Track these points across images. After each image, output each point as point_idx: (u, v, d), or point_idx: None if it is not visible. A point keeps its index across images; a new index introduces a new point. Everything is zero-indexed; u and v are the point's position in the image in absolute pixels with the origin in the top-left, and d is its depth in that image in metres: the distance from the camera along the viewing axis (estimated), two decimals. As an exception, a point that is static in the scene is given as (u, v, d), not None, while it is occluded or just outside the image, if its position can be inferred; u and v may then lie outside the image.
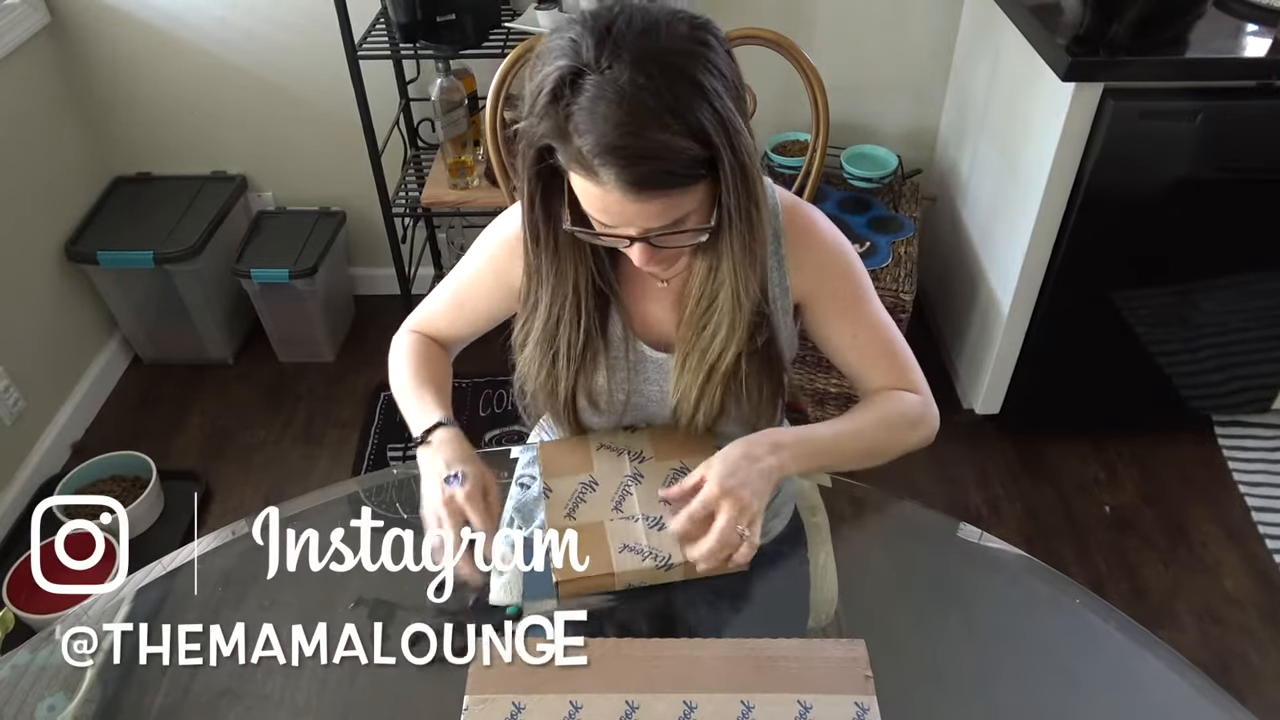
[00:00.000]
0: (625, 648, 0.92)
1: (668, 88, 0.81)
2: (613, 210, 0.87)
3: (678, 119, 0.82)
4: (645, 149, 0.81)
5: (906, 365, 1.11)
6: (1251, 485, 2.23)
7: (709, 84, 0.83)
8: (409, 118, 2.45)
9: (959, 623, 1.04)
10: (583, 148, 0.83)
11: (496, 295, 1.13)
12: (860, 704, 0.87)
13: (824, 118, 1.39)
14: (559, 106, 0.83)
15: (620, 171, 0.82)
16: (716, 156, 0.85)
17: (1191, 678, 0.97)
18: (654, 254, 0.93)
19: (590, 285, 1.03)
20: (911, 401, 1.09)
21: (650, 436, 1.11)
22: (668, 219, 0.88)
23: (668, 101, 0.81)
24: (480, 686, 0.88)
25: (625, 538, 0.98)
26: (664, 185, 0.84)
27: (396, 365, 1.18)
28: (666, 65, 0.82)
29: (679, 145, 0.82)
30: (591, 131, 0.82)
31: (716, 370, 1.03)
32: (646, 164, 0.82)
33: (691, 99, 0.82)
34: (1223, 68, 1.83)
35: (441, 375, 1.17)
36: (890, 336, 1.11)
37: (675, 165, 0.83)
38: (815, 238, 1.08)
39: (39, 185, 2.31)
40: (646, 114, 0.81)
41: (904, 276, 2.18)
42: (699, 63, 0.83)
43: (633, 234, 0.90)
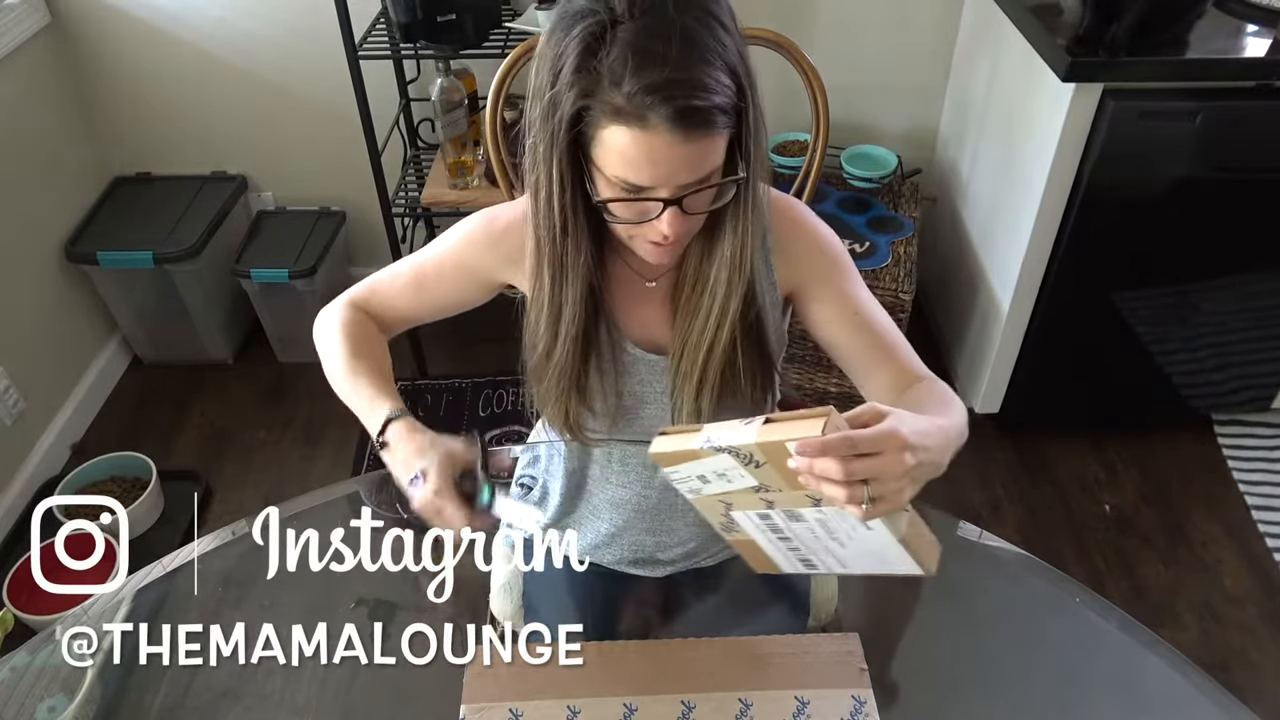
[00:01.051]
0: (622, 650, 0.92)
1: (702, 27, 0.83)
2: (658, 157, 0.85)
3: (716, 56, 0.84)
4: (699, 81, 0.82)
5: (907, 350, 1.09)
6: (1251, 484, 2.23)
7: (728, 23, 0.86)
8: (409, 118, 2.45)
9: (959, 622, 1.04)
10: (631, 92, 0.82)
11: (461, 283, 1.11)
12: (857, 697, 0.87)
13: (824, 118, 1.39)
14: (594, 62, 0.83)
15: (675, 107, 0.82)
16: (744, 97, 0.87)
17: (1191, 676, 0.97)
18: (681, 221, 0.91)
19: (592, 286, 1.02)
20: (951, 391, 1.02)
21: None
22: (703, 170, 0.88)
23: (707, 39, 0.83)
24: (476, 695, 0.88)
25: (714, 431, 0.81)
26: (709, 124, 0.85)
27: (328, 346, 1.12)
28: (698, 9, 0.84)
29: (724, 82, 0.84)
30: (641, 72, 0.81)
31: (713, 353, 1.03)
32: (700, 97, 0.82)
33: (724, 38, 0.85)
34: (1222, 68, 1.83)
35: (380, 356, 1.12)
36: (884, 320, 1.09)
37: (721, 99, 0.84)
38: (800, 227, 1.08)
39: (39, 185, 2.31)
40: (696, 49, 0.82)
41: (904, 276, 2.18)
42: (723, 10, 0.86)
43: (664, 195, 0.88)
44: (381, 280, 1.16)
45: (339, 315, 1.14)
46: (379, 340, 1.15)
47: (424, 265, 1.13)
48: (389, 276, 1.16)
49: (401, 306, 1.16)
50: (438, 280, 1.13)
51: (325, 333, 1.13)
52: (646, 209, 0.90)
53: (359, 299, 1.16)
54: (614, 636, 1.03)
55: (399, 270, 1.15)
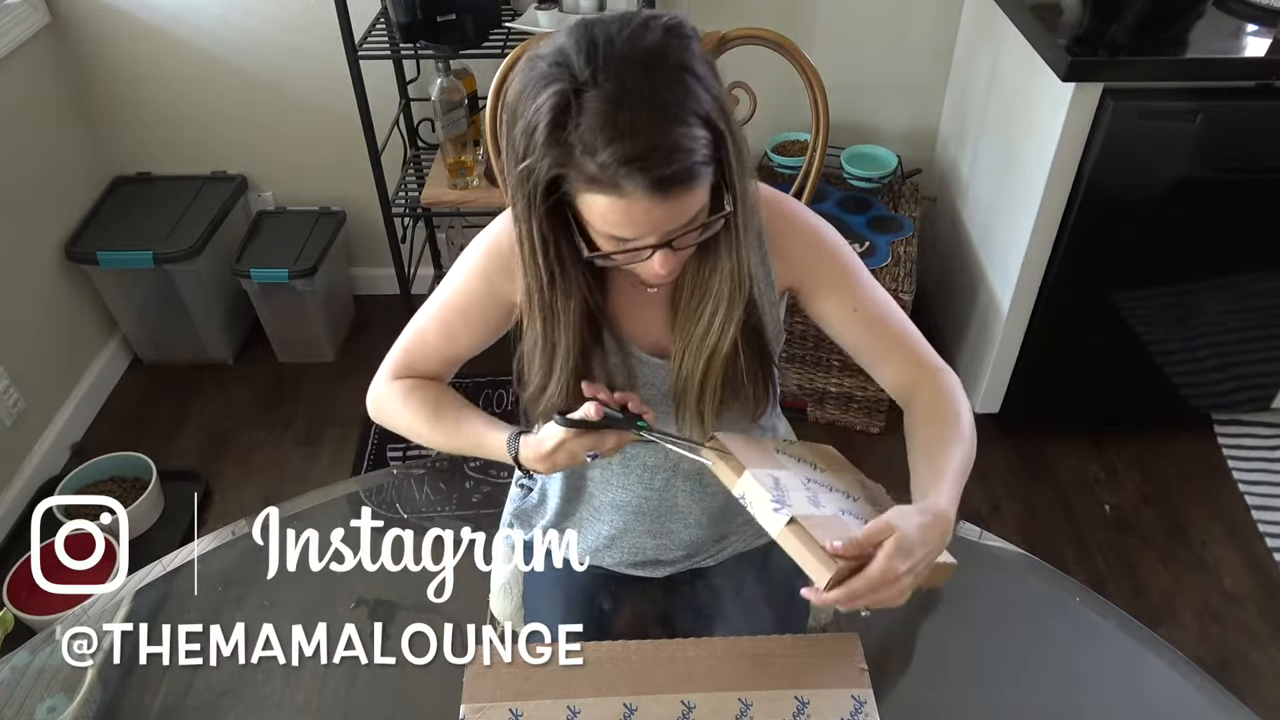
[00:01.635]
0: (621, 650, 0.92)
1: (667, 84, 0.82)
2: (638, 220, 0.86)
3: (686, 111, 0.82)
4: (669, 147, 0.81)
5: (917, 339, 1.10)
6: (1251, 484, 2.23)
7: (700, 70, 0.84)
8: (409, 118, 2.45)
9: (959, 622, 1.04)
10: (604, 163, 0.81)
11: (491, 317, 1.10)
12: (857, 697, 0.87)
13: (824, 118, 1.39)
14: (564, 133, 0.82)
15: (650, 175, 0.81)
16: (720, 139, 0.85)
17: (1191, 675, 0.97)
18: (673, 258, 0.92)
19: (587, 312, 1.02)
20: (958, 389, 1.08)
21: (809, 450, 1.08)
22: (687, 217, 0.88)
23: (676, 96, 0.81)
24: (476, 695, 0.88)
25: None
26: (688, 180, 0.84)
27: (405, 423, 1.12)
28: (661, 62, 0.82)
29: (694, 135, 0.82)
30: (612, 144, 0.80)
31: (715, 358, 1.03)
32: (671, 162, 0.81)
33: (692, 88, 0.83)
34: (1222, 68, 1.83)
35: (450, 399, 1.13)
36: (893, 310, 1.09)
37: (695, 155, 0.83)
38: (797, 225, 1.07)
39: (39, 185, 2.31)
40: (661, 113, 0.81)
41: (904, 276, 2.18)
42: (685, 53, 0.84)
43: (653, 241, 0.89)
44: (412, 345, 1.13)
45: (396, 393, 1.12)
46: (439, 389, 1.13)
47: (447, 315, 1.11)
48: (417, 339, 1.13)
49: (440, 363, 1.14)
50: (466, 326, 1.11)
51: (393, 413, 1.12)
52: (637, 253, 0.91)
53: (400, 370, 1.14)
54: (614, 637, 1.03)
55: (423, 327, 1.13)
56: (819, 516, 0.91)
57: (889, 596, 0.86)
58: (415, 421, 1.10)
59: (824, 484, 1.00)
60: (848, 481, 1.03)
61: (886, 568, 0.86)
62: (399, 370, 1.13)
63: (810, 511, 0.92)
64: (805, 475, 1.00)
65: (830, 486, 1.00)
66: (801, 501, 0.93)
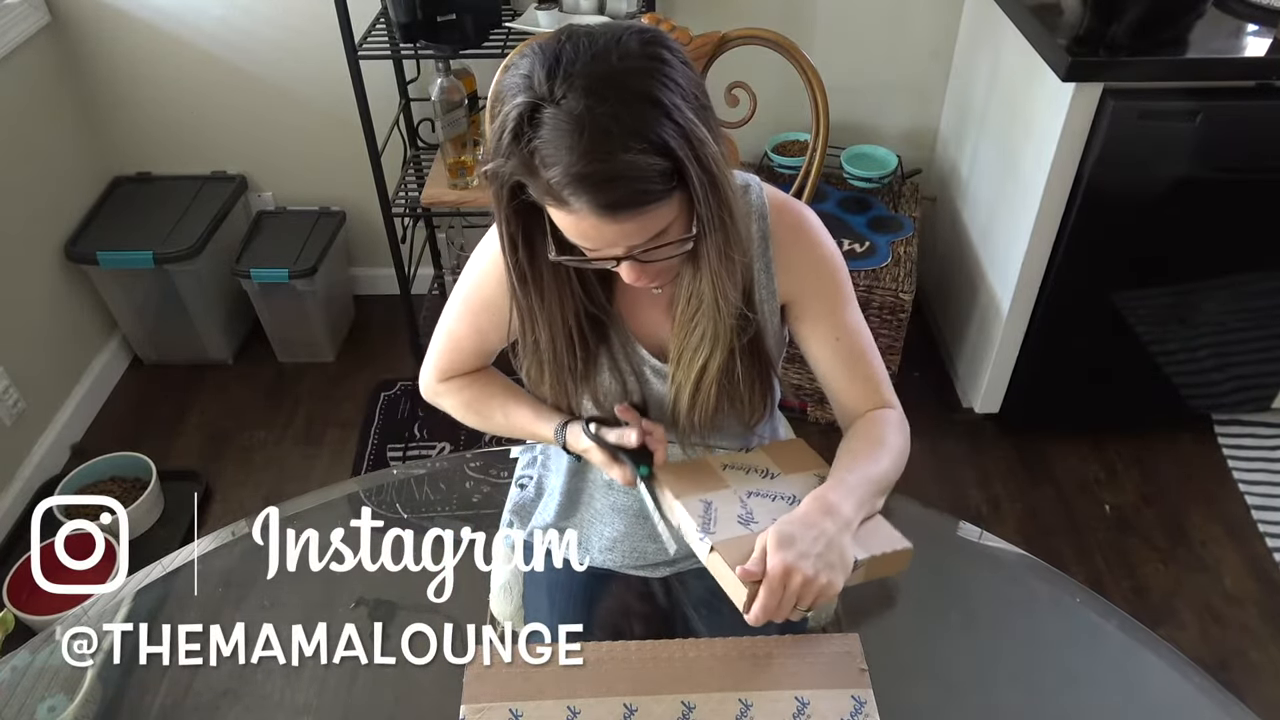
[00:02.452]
0: (622, 650, 0.92)
1: (625, 109, 0.82)
2: (591, 235, 0.88)
3: (639, 138, 0.82)
4: (611, 172, 0.82)
5: (882, 379, 1.12)
6: (1251, 484, 2.23)
7: (665, 99, 0.83)
8: (409, 118, 2.45)
9: (959, 622, 1.04)
10: (551, 180, 0.83)
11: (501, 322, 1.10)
12: (857, 697, 0.87)
13: (824, 118, 1.39)
14: (522, 144, 0.84)
15: (592, 198, 0.83)
16: (682, 168, 0.85)
17: (1191, 675, 0.97)
18: (642, 270, 0.93)
19: (582, 314, 1.03)
20: (901, 423, 1.11)
21: (769, 453, 1.11)
22: (647, 235, 0.88)
23: (626, 123, 0.81)
24: (476, 695, 0.88)
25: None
26: (636, 204, 0.84)
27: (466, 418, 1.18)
28: (620, 86, 0.82)
29: (644, 163, 0.82)
30: (558, 163, 0.82)
31: (708, 370, 1.04)
32: (616, 187, 0.82)
33: (650, 116, 0.82)
34: (1222, 68, 1.83)
35: (499, 388, 1.17)
36: (868, 345, 1.12)
37: (644, 183, 0.83)
38: (804, 240, 1.07)
39: (39, 185, 2.31)
40: (607, 138, 0.81)
41: (904, 276, 2.18)
42: (653, 79, 0.83)
43: (618, 254, 0.90)
44: (446, 348, 1.17)
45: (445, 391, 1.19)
46: (485, 380, 1.19)
47: (473, 313, 1.13)
48: (450, 342, 1.16)
49: (477, 357, 1.18)
50: (492, 320, 1.11)
51: (447, 408, 1.20)
52: (604, 261, 0.92)
53: (443, 373, 1.18)
54: (614, 637, 1.02)
55: (453, 329, 1.15)
56: (744, 537, 0.94)
57: (803, 591, 0.88)
58: (468, 416, 1.18)
59: (768, 494, 1.03)
60: (801, 482, 1.04)
61: (774, 564, 0.89)
62: (442, 374, 1.18)
63: (736, 534, 0.96)
64: (748, 490, 1.03)
65: (776, 495, 1.02)
66: (730, 524, 0.97)
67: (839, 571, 0.91)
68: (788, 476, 1.05)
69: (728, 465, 1.08)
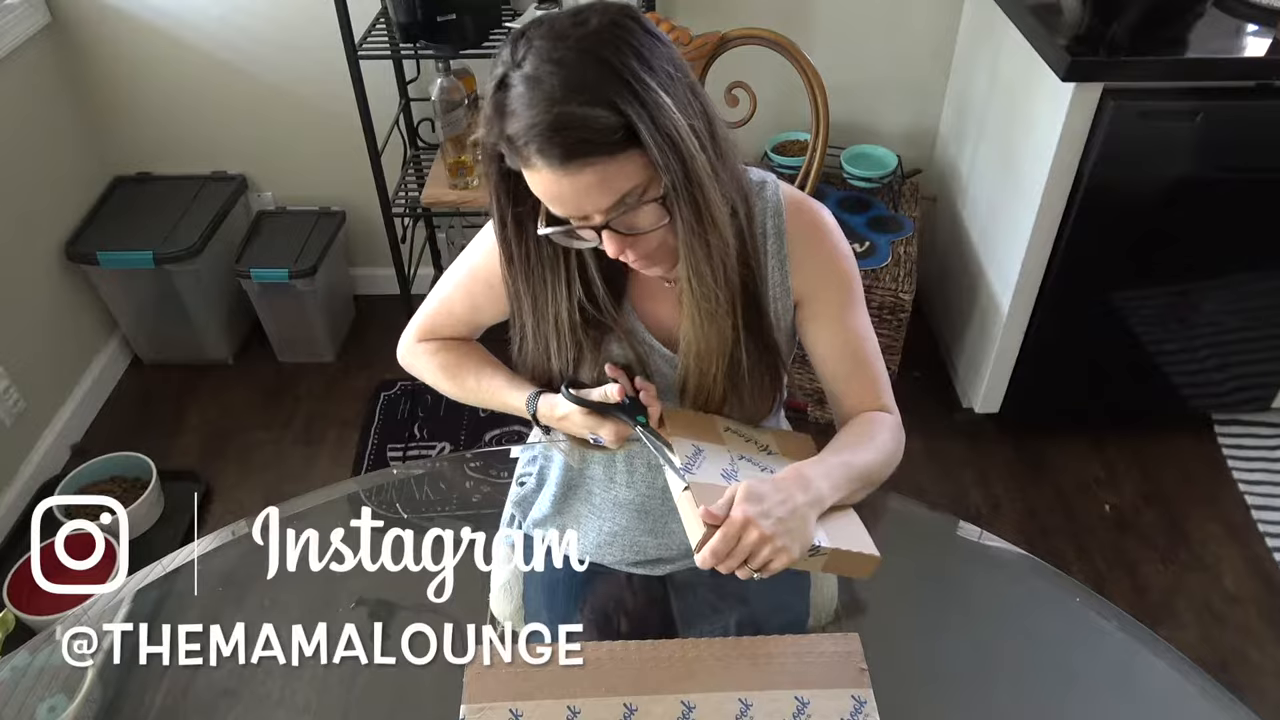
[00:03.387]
0: (622, 650, 0.92)
1: (573, 68, 0.87)
2: (553, 193, 0.91)
3: (582, 92, 0.87)
4: (555, 122, 0.86)
5: (884, 384, 1.13)
6: (1251, 484, 2.23)
7: (615, 59, 0.87)
8: (409, 118, 2.45)
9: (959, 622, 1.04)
10: (514, 138, 0.88)
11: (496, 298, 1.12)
12: (857, 697, 0.87)
13: (824, 118, 1.39)
14: (498, 110, 0.90)
15: (542, 147, 0.87)
16: (633, 126, 0.88)
17: (1191, 675, 0.97)
18: (624, 242, 0.94)
19: (577, 311, 1.05)
20: (896, 427, 1.12)
21: (775, 436, 1.11)
22: (610, 196, 0.91)
23: (572, 79, 0.87)
24: (477, 695, 0.88)
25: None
26: (584, 154, 0.88)
27: (433, 379, 1.20)
28: (572, 49, 0.88)
29: (589, 114, 0.87)
30: (517, 119, 0.88)
31: (712, 360, 1.05)
32: (561, 135, 0.86)
33: (598, 73, 0.87)
34: (1223, 68, 1.83)
35: (476, 355, 1.19)
36: (873, 350, 1.13)
37: (588, 133, 0.87)
38: (819, 238, 1.08)
39: (39, 185, 2.31)
40: (552, 92, 0.86)
41: (904, 276, 2.18)
42: (607, 44, 0.88)
43: (594, 222, 0.92)
44: (436, 311, 1.20)
45: (421, 351, 1.21)
46: (464, 347, 1.21)
47: (471, 284, 1.16)
48: (442, 307, 1.19)
49: (464, 328, 1.21)
50: (489, 295, 1.14)
51: (419, 369, 1.22)
52: (584, 236, 0.95)
53: (424, 334, 1.21)
54: (614, 636, 1.03)
55: (448, 295, 1.18)
56: (720, 488, 0.95)
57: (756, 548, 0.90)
58: (439, 378, 1.19)
59: (759, 464, 1.04)
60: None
61: (736, 514, 0.90)
62: (423, 334, 1.21)
63: (714, 482, 0.97)
64: (740, 454, 1.05)
65: (766, 468, 1.03)
66: (712, 473, 0.99)
67: (796, 541, 0.92)
68: (783, 458, 1.06)
69: (730, 429, 1.09)
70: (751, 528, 0.90)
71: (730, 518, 0.90)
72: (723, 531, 0.90)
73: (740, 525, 0.90)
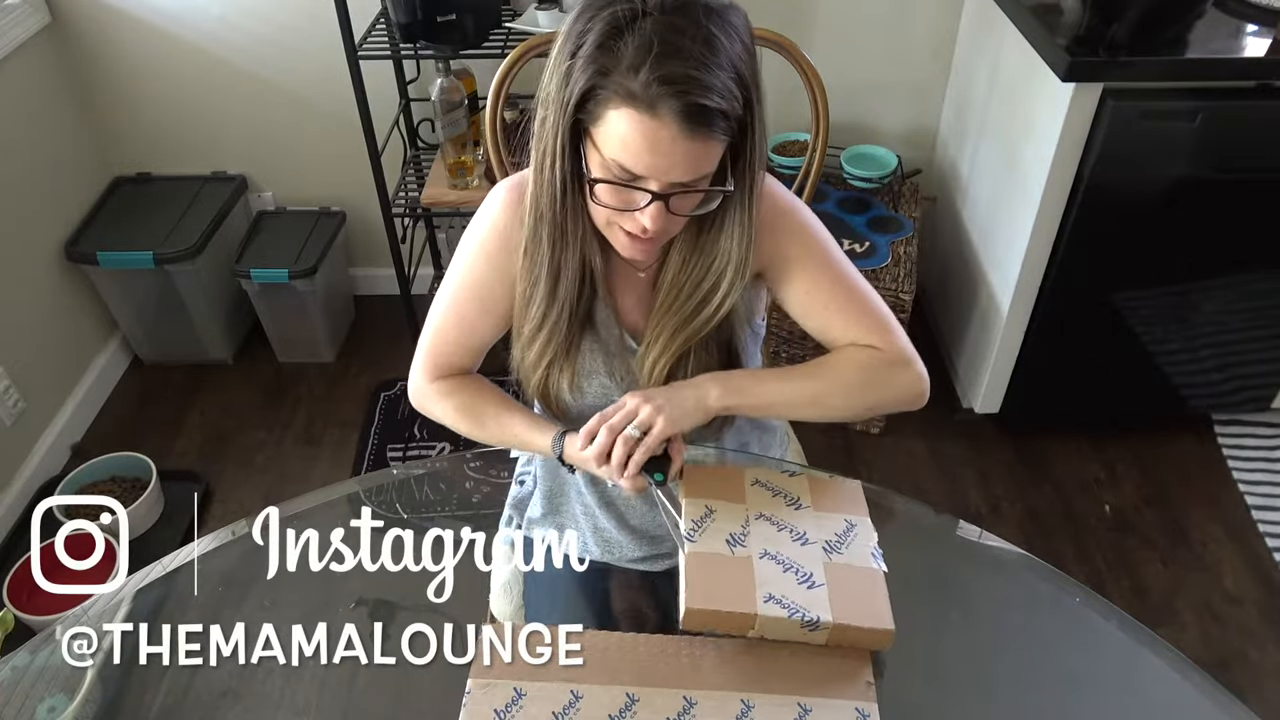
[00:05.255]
0: (628, 643, 0.92)
1: (726, 39, 0.87)
2: (661, 149, 0.88)
3: (734, 68, 0.87)
4: (712, 84, 0.85)
5: (876, 323, 1.10)
6: (1251, 484, 2.23)
7: (750, 48, 0.89)
8: (409, 118, 2.45)
9: (959, 622, 1.04)
10: (647, 80, 0.84)
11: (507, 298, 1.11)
12: (861, 710, 0.87)
13: (824, 118, 1.39)
14: (617, 44, 0.86)
15: (684, 103, 0.85)
16: (750, 113, 0.89)
17: (1192, 676, 0.97)
18: (662, 217, 0.93)
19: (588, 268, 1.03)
20: (871, 356, 1.08)
21: (814, 485, 1.07)
22: (698, 171, 0.90)
23: (728, 50, 0.86)
24: (483, 672, 0.88)
25: (774, 587, 0.93)
26: (713, 125, 0.87)
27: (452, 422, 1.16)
28: (718, 18, 0.87)
29: (734, 91, 0.87)
30: (662, 62, 0.84)
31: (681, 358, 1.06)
32: (711, 99, 0.85)
33: (744, 55, 0.88)
34: (1223, 68, 1.83)
35: (491, 396, 1.16)
36: (858, 293, 1.10)
37: (729, 108, 0.87)
38: (769, 204, 1.06)
39: (39, 185, 2.31)
40: (716, 53, 0.86)
41: (904, 276, 2.18)
42: (739, 27, 0.89)
43: (655, 188, 0.90)
44: (434, 344, 1.16)
45: (435, 394, 1.16)
46: (477, 387, 1.17)
47: (461, 307, 1.13)
48: (438, 338, 1.15)
49: (466, 353, 1.17)
50: (481, 313, 1.12)
51: (436, 413, 1.17)
52: (633, 198, 0.92)
53: (431, 371, 1.17)
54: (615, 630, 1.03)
55: (440, 325, 1.15)
56: (722, 557, 0.94)
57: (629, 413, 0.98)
58: (459, 422, 1.15)
59: (778, 523, 1.00)
60: (821, 522, 1.01)
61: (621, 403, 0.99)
62: (431, 372, 1.17)
63: (716, 550, 0.96)
64: (760, 512, 1.01)
65: (786, 526, 1.00)
66: (716, 541, 0.97)
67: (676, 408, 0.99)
68: (814, 512, 1.02)
69: (758, 481, 1.06)
70: (631, 400, 0.99)
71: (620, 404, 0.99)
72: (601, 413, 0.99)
73: (623, 408, 0.98)
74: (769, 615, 0.90)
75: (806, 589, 0.92)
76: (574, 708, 0.85)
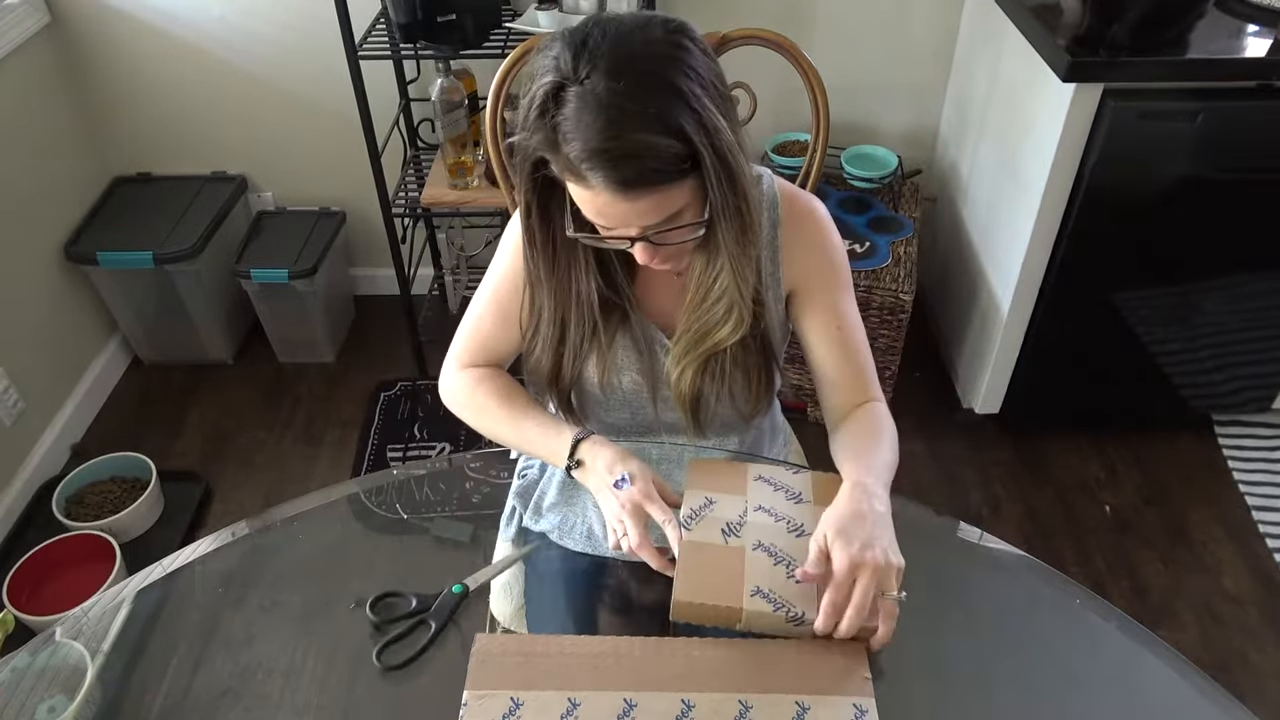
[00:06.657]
0: (625, 646, 0.92)
1: (644, 92, 0.85)
2: (607, 212, 0.90)
3: (655, 120, 0.85)
4: (627, 149, 0.85)
5: (873, 373, 1.15)
6: (1251, 484, 2.23)
7: (684, 86, 0.86)
8: (409, 118, 2.45)
9: (959, 623, 1.04)
10: (570, 155, 0.86)
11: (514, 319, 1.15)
12: (858, 705, 0.87)
13: (824, 118, 1.39)
14: (546, 120, 0.87)
15: (608, 173, 0.86)
16: (697, 154, 0.87)
17: (1192, 677, 0.97)
18: (656, 251, 0.95)
19: (595, 294, 1.06)
20: (889, 417, 1.13)
21: (816, 481, 1.08)
22: (661, 215, 0.91)
23: (644, 104, 0.85)
24: (479, 682, 0.88)
25: (762, 581, 0.93)
26: (650, 182, 0.87)
27: (478, 410, 1.16)
28: (641, 71, 0.85)
29: (659, 144, 0.85)
30: (577, 139, 0.85)
31: (713, 357, 1.06)
32: (630, 164, 0.85)
33: (667, 100, 0.85)
34: (1223, 68, 1.83)
35: (525, 395, 1.17)
36: (863, 340, 1.14)
37: (657, 163, 0.86)
38: (811, 228, 1.10)
39: (39, 185, 2.31)
40: (625, 117, 0.84)
41: (904, 276, 2.18)
42: (673, 65, 0.86)
43: (632, 234, 0.92)
44: (471, 335, 1.18)
45: (463, 384, 1.17)
46: (510, 381, 1.18)
47: (499, 300, 1.15)
48: (474, 328, 1.18)
49: (502, 344, 1.18)
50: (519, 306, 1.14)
51: (460, 405, 1.17)
52: (619, 240, 0.95)
53: (465, 359, 1.19)
54: (617, 628, 1.03)
55: (479, 315, 1.17)
56: (714, 547, 0.95)
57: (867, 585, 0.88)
58: (480, 418, 1.15)
59: (776, 515, 1.01)
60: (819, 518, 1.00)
61: (840, 560, 0.88)
62: (464, 360, 1.19)
63: (709, 540, 0.96)
64: (760, 504, 1.02)
65: (784, 518, 1.01)
66: (710, 531, 0.97)
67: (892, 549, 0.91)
68: (814, 506, 1.03)
69: (762, 477, 1.07)
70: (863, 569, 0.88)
71: (840, 561, 0.89)
72: (836, 578, 0.88)
73: (853, 566, 0.88)
74: (754, 610, 0.91)
75: (795, 583, 0.93)
76: (571, 715, 0.85)
